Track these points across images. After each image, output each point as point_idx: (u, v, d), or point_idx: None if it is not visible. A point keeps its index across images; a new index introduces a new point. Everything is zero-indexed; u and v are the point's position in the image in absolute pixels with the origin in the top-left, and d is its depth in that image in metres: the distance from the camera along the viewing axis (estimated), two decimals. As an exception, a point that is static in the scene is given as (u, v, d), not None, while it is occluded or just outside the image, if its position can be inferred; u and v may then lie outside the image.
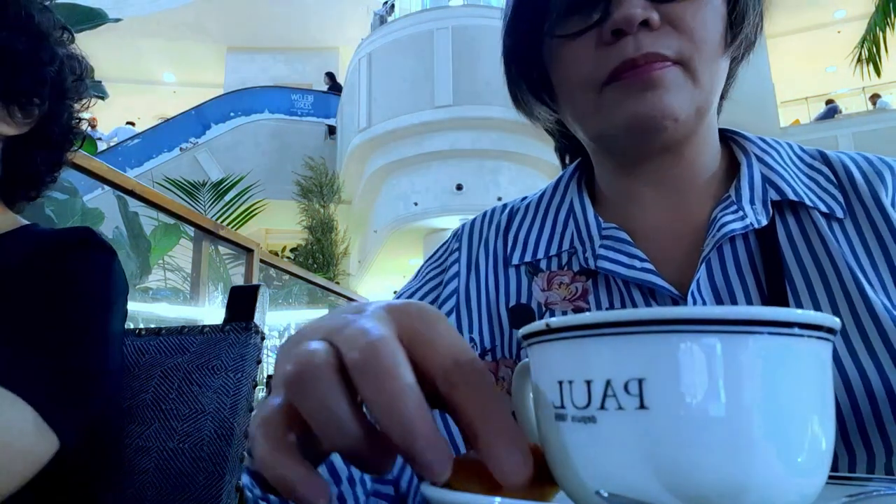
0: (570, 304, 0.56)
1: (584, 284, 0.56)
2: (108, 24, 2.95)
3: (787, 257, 0.52)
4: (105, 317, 0.73)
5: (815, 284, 0.50)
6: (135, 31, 14.12)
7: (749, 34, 0.55)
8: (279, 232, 12.51)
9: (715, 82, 0.53)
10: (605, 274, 0.55)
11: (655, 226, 0.57)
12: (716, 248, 0.53)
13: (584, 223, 0.59)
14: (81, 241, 0.75)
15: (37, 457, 0.63)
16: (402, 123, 10.46)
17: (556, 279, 0.57)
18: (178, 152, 12.61)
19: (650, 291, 0.53)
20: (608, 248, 0.56)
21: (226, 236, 2.84)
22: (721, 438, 0.25)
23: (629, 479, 0.26)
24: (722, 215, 0.53)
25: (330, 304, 6.01)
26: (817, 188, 0.55)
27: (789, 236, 0.53)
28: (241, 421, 0.74)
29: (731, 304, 0.51)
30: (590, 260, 0.56)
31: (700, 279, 0.52)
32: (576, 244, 0.58)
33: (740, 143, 0.60)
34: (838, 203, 0.54)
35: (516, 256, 0.61)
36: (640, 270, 0.53)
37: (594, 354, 0.27)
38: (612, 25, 0.50)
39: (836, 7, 14.08)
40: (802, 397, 0.26)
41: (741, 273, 0.52)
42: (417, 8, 11.88)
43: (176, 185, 5.45)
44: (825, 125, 12.47)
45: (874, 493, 0.30)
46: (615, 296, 0.54)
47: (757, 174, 0.56)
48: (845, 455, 0.45)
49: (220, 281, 4.44)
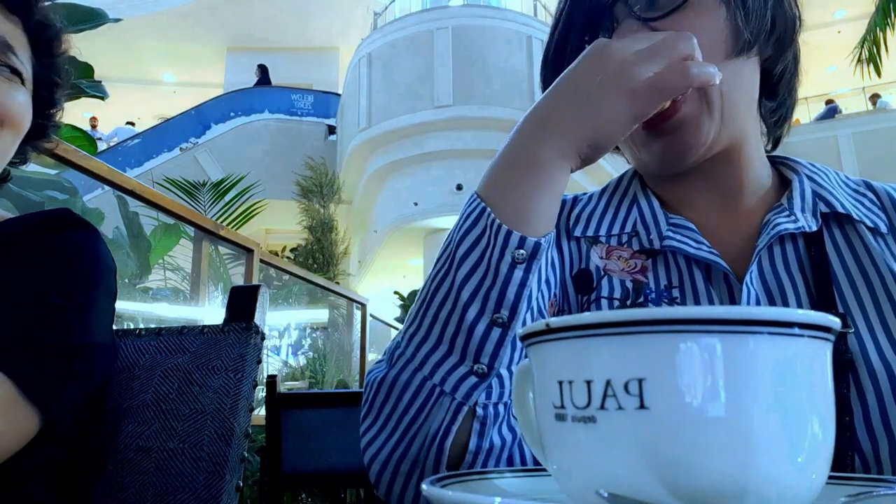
0: (628, 275, 0.59)
1: (644, 262, 0.59)
2: (108, 24, 2.95)
3: (833, 261, 0.56)
4: (89, 293, 0.72)
5: (860, 286, 0.54)
6: (135, 31, 14.12)
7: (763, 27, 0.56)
8: (279, 232, 12.50)
9: (730, 87, 0.54)
10: (666, 254, 0.59)
11: (712, 223, 0.61)
12: (768, 246, 0.57)
13: (649, 212, 0.62)
14: (60, 220, 0.74)
15: (14, 432, 0.61)
16: (402, 123, 10.46)
17: (615, 252, 0.61)
18: (178, 152, 12.61)
19: (708, 269, 0.57)
20: (675, 232, 0.59)
21: (226, 236, 2.84)
22: (721, 438, 0.25)
23: (629, 479, 0.26)
24: (775, 218, 0.57)
25: (330, 304, 6.01)
26: (863, 207, 0.60)
27: (835, 244, 0.57)
28: (241, 421, 0.74)
29: (780, 299, 0.55)
30: (654, 241, 0.59)
31: (753, 272, 0.55)
32: (638, 228, 0.62)
33: (790, 165, 0.65)
34: (882, 221, 0.58)
35: (578, 229, 0.64)
36: (707, 252, 0.56)
37: (594, 354, 0.27)
38: None
39: (836, 7, 14.08)
40: (802, 397, 0.26)
41: (790, 272, 0.56)
42: (417, 8, 11.89)
43: (176, 185, 5.44)
44: (825, 125, 12.47)
45: (874, 492, 0.30)
46: (674, 273, 0.58)
47: (808, 189, 0.60)
48: (886, 441, 0.48)
49: (220, 281, 4.44)
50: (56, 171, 2.92)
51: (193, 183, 5.62)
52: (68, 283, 0.70)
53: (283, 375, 5.25)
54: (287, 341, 6.07)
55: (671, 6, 0.53)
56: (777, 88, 0.61)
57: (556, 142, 0.46)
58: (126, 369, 0.81)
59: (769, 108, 0.63)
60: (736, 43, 0.54)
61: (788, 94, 0.62)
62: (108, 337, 0.75)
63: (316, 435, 1.59)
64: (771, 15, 0.56)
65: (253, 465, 2.86)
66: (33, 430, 0.63)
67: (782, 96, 0.62)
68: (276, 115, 13.51)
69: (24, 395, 0.62)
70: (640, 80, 0.44)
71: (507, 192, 0.46)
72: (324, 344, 5.94)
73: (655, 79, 0.44)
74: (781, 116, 0.64)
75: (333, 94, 14.15)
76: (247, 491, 2.96)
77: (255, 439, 2.82)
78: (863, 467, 0.48)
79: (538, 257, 0.45)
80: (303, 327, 6.27)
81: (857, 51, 6.34)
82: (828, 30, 14.42)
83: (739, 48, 0.54)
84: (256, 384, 0.79)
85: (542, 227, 0.46)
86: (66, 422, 0.66)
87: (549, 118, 0.47)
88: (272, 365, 5.41)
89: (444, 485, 0.33)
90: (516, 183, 0.46)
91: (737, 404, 0.25)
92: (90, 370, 0.71)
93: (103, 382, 0.75)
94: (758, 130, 0.62)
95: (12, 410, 0.61)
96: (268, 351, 5.09)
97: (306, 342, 6.21)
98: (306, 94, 14.31)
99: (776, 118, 0.64)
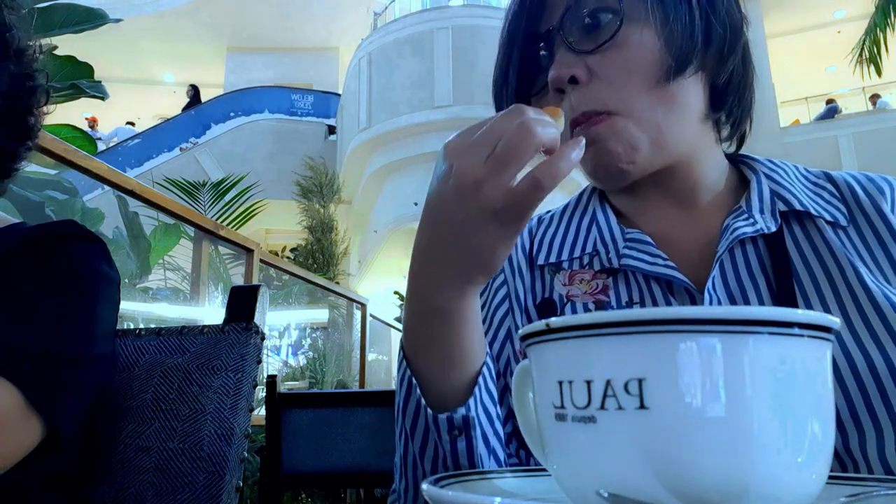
0: (590, 297, 0.59)
1: (605, 281, 0.59)
2: (108, 24, 2.95)
3: (794, 259, 0.56)
4: (93, 304, 0.73)
5: (821, 282, 0.54)
6: (135, 31, 14.11)
7: (693, 47, 0.55)
8: (279, 232, 12.50)
9: (666, 112, 0.55)
10: (626, 271, 0.59)
11: (671, 233, 0.61)
12: (728, 250, 0.57)
13: (607, 229, 0.63)
14: (68, 234, 0.75)
15: (21, 441, 0.62)
16: (402, 123, 10.45)
17: (578, 276, 0.61)
18: (178, 152, 12.60)
19: (668, 286, 0.57)
20: (632, 249, 0.59)
21: (226, 236, 2.84)
22: (721, 438, 0.25)
23: (629, 479, 0.26)
24: (734, 222, 0.57)
25: (330, 304, 6.01)
26: (822, 201, 0.59)
27: (796, 242, 0.57)
28: (241, 421, 0.74)
29: (743, 302, 0.54)
30: (613, 259, 0.60)
31: (715, 278, 0.55)
32: (598, 247, 0.62)
33: (749, 163, 0.64)
34: (842, 213, 0.58)
35: (541, 257, 0.65)
36: (662, 266, 0.57)
37: (594, 354, 0.27)
38: (551, 85, 0.55)
39: (836, 7, 14.07)
40: (802, 397, 0.26)
41: (752, 274, 0.56)
42: (417, 8, 11.88)
43: (176, 185, 5.44)
44: (825, 125, 12.46)
45: (874, 493, 0.30)
46: (634, 290, 0.58)
47: (766, 189, 0.60)
48: (855, 433, 0.48)
49: (220, 281, 4.44)
50: (56, 171, 2.93)
51: (193, 183, 5.62)
52: (72, 294, 0.71)
53: (283, 375, 5.25)
54: (287, 341, 6.07)
55: (602, 39, 0.54)
56: (725, 97, 0.60)
57: (446, 283, 0.44)
58: (126, 369, 0.81)
59: (719, 116, 0.62)
60: (667, 70, 0.54)
61: (739, 100, 0.61)
62: (110, 348, 0.76)
63: (316, 435, 1.59)
64: (703, 32, 0.55)
65: (253, 465, 2.86)
66: (38, 439, 0.64)
67: (732, 102, 0.60)
68: (276, 115, 13.50)
69: (30, 404, 0.62)
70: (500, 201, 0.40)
71: (427, 353, 0.47)
72: (324, 344, 5.94)
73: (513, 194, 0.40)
74: (737, 119, 0.62)
75: (333, 94, 14.14)
76: (247, 491, 2.96)
77: (255, 439, 2.82)
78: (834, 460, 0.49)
79: (474, 426, 0.47)
80: (303, 327, 6.27)
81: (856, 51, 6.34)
82: (828, 30, 14.42)
83: (670, 74, 0.54)
84: (256, 384, 0.79)
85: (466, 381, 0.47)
86: (69, 431, 0.67)
87: (434, 258, 0.45)
88: (272, 365, 5.41)
89: (444, 485, 0.33)
90: (431, 339, 0.47)
91: (737, 404, 0.25)
92: (93, 380, 0.71)
93: (103, 389, 0.76)
94: (710, 138, 0.61)
95: (20, 419, 0.62)
96: (268, 351, 5.09)
97: (306, 342, 6.21)
98: (306, 94, 14.30)
99: (732, 121, 0.63)
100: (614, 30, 0.54)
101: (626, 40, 0.54)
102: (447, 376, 0.47)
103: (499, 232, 0.41)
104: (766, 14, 12.88)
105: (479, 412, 0.47)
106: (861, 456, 0.48)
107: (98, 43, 9.48)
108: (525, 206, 0.40)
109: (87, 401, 0.70)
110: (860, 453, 0.48)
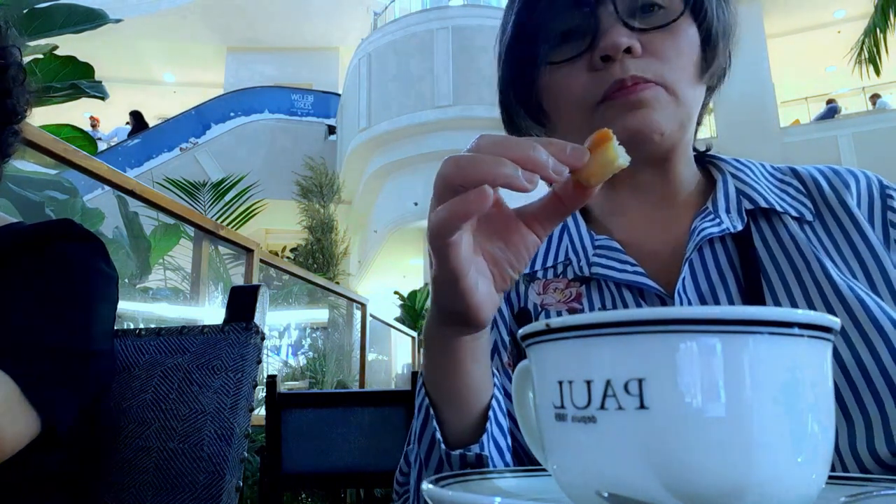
0: (564, 306, 0.60)
1: (578, 289, 0.61)
2: (108, 24, 2.95)
3: (762, 257, 0.57)
4: (90, 302, 0.72)
5: (789, 278, 0.55)
6: (135, 31, 14.12)
7: (721, 63, 0.61)
8: (279, 232, 12.50)
9: (693, 103, 0.59)
10: (598, 279, 0.60)
11: (642, 236, 0.62)
12: (697, 251, 0.58)
13: (577, 237, 0.64)
14: (65, 233, 0.75)
15: (16, 432, 0.62)
16: (402, 123, 10.46)
17: (552, 285, 0.62)
18: (178, 152, 12.61)
19: (640, 292, 0.58)
20: (601, 256, 0.60)
21: (226, 236, 2.84)
22: (721, 438, 0.25)
23: (629, 479, 0.26)
24: (700, 223, 0.58)
25: (330, 304, 6.01)
26: (788, 197, 0.61)
27: (763, 239, 0.58)
28: (241, 421, 0.74)
29: (713, 302, 0.55)
30: (584, 268, 0.61)
31: (685, 279, 0.56)
32: (570, 256, 0.63)
33: (716, 163, 0.66)
34: (807, 208, 0.59)
35: None
36: (632, 273, 0.58)
37: (594, 354, 0.27)
38: (601, 52, 0.56)
39: (836, 7, 14.07)
40: (802, 397, 0.26)
41: (721, 273, 0.57)
42: (417, 8, 11.88)
43: (176, 185, 5.44)
44: (825, 125, 12.46)
45: (874, 492, 0.30)
46: (607, 297, 0.59)
47: (731, 188, 0.62)
48: (845, 426, 0.49)
49: (220, 281, 4.44)
50: (56, 171, 2.93)
51: (193, 183, 5.63)
52: (70, 291, 0.71)
53: (283, 375, 5.25)
54: (287, 341, 6.07)
55: (661, 22, 0.56)
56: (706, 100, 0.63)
57: (438, 319, 0.44)
58: (126, 369, 0.81)
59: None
60: (702, 69, 0.58)
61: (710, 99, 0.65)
62: (109, 345, 0.75)
63: (316, 435, 1.59)
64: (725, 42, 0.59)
65: (253, 465, 2.86)
66: (33, 433, 0.64)
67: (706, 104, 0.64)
68: (276, 115, 13.52)
69: (27, 397, 0.62)
70: (432, 229, 0.37)
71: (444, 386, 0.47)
72: (324, 344, 5.94)
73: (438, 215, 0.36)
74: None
75: (333, 94, 14.16)
76: (247, 491, 2.96)
77: (255, 439, 2.82)
78: None
79: (486, 464, 0.47)
80: (303, 327, 6.27)
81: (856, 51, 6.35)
82: (828, 30, 14.42)
83: (704, 73, 0.58)
84: (256, 384, 0.79)
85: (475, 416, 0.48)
86: (65, 426, 0.67)
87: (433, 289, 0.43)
88: (272, 365, 5.41)
89: (444, 485, 0.33)
90: (444, 372, 0.47)
91: (737, 404, 0.25)
92: (90, 376, 0.71)
93: (102, 386, 0.76)
94: (691, 135, 0.64)
95: (16, 410, 0.61)
96: (268, 351, 5.09)
97: (306, 342, 6.21)
98: (306, 94, 14.32)
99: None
100: (675, 16, 0.56)
101: (679, 29, 0.56)
102: (458, 410, 0.47)
103: (439, 269, 0.38)
104: (766, 14, 12.88)
105: (491, 449, 0.47)
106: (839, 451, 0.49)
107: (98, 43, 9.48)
108: (436, 251, 0.37)
109: (85, 397, 0.70)
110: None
